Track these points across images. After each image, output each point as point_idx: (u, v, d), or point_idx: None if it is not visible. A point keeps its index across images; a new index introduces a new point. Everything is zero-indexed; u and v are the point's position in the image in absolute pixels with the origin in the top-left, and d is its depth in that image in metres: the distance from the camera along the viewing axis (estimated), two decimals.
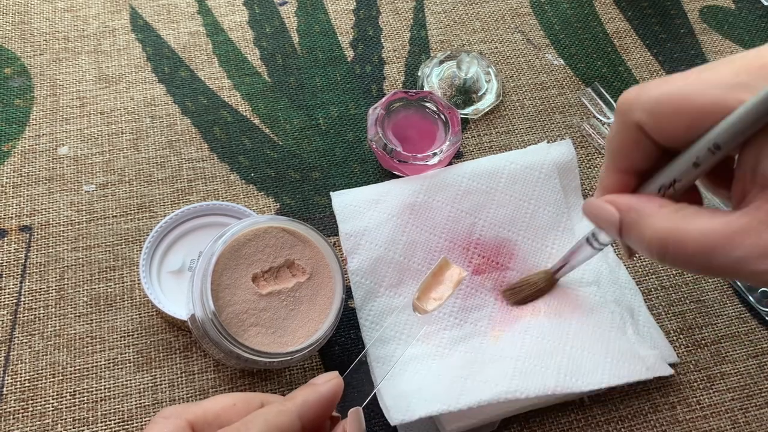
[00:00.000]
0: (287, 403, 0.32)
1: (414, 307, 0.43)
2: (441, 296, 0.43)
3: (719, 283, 0.48)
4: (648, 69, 0.58)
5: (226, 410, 0.32)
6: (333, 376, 0.35)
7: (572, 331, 0.43)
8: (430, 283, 0.44)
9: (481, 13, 0.61)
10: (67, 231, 0.48)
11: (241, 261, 0.40)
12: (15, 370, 0.43)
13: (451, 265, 0.45)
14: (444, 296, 0.43)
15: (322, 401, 0.33)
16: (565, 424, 0.43)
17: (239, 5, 0.60)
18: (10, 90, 0.54)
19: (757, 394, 0.44)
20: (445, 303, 0.44)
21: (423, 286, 0.44)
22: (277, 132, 0.53)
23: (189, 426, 0.30)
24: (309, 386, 0.34)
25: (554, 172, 0.49)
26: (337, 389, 0.34)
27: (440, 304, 0.43)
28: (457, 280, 0.44)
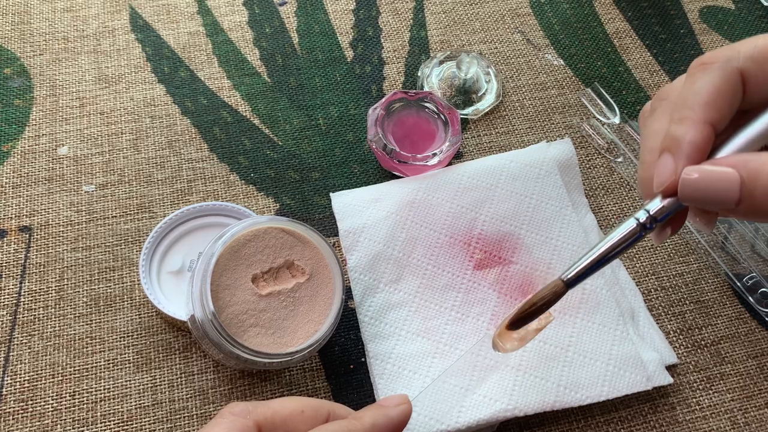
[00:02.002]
0: (356, 423, 0.31)
1: (494, 344, 0.39)
2: (525, 337, 0.38)
3: (719, 283, 0.48)
4: (648, 69, 0.58)
5: (294, 417, 0.31)
6: (403, 399, 0.34)
7: (576, 333, 0.43)
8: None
9: (481, 14, 0.61)
10: (67, 231, 0.48)
11: (241, 261, 0.40)
12: (14, 371, 0.43)
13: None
14: (528, 338, 0.39)
15: (391, 426, 0.32)
16: (564, 425, 0.43)
17: (239, 5, 0.60)
18: (10, 90, 0.54)
19: (757, 395, 0.44)
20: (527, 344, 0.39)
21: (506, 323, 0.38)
22: (277, 132, 0.53)
23: (256, 427, 0.30)
24: (378, 408, 0.33)
25: (555, 168, 0.49)
26: (408, 414, 0.33)
27: (522, 345, 0.39)
28: (545, 323, 0.39)
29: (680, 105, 0.31)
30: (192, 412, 0.42)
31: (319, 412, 0.32)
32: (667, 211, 0.31)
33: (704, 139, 0.29)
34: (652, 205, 0.32)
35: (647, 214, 0.32)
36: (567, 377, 0.42)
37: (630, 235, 0.33)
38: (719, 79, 0.30)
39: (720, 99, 0.30)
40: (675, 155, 0.30)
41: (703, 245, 0.49)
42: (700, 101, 0.30)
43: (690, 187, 0.29)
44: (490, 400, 0.41)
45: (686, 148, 0.30)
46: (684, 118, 0.30)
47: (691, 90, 0.30)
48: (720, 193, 0.28)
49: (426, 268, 0.46)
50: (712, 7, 0.63)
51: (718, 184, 0.28)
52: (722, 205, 0.28)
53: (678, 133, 0.30)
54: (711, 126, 0.30)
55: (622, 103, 0.56)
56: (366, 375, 0.44)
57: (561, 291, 0.35)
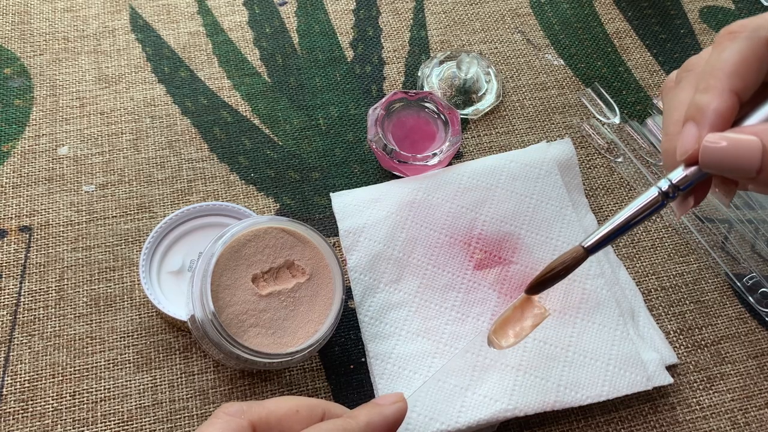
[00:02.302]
0: (351, 422, 0.31)
1: (489, 341, 0.39)
2: (520, 333, 0.39)
3: (719, 283, 0.48)
4: (648, 69, 0.58)
5: (289, 416, 0.31)
6: (398, 398, 0.34)
7: (576, 333, 0.43)
8: (510, 317, 0.40)
9: (481, 14, 0.61)
10: (67, 231, 0.48)
11: (241, 262, 0.40)
12: (15, 371, 0.43)
13: (535, 302, 0.40)
14: (523, 334, 0.39)
15: (387, 424, 0.32)
16: (565, 425, 0.43)
17: (239, 5, 0.60)
18: (10, 90, 0.54)
19: (757, 395, 0.44)
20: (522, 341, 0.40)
21: (501, 319, 0.39)
22: (277, 132, 0.53)
23: (251, 427, 0.30)
24: (374, 406, 0.33)
25: (555, 168, 0.50)
26: (403, 413, 0.33)
27: (517, 341, 0.39)
28: (540, 320, 0.39)
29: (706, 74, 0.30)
30: (192, 412, 0.42)
31: (314, 412, 0.32)
32: (690, 180, 0.31)
33: (729, 107, 0.29)
34: (674, 174, 0.32)
35: (669, 183, 0.32)
36: (567, 377, 0.42)
37: (651, 204, 0.33)
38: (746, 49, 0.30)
39: (746, 68, 0.30)
40: (699, 123, 0.30)
41: (703, 245, 0.49)
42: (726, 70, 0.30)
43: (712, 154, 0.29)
44: (490, 400, 0.41)
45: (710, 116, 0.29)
46: (709, 86, 0.30)
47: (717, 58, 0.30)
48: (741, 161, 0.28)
49: (426, 268, 0.46)
50: (712, 7, 0.63)
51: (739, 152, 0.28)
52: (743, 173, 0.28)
53: (703, 101, 0.30)
54: (736, 95, 0.29)
55: (622, 103, 0.56)
56: (366, 375, 0.44)
57: (581, 257, 0.35)
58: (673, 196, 0.32)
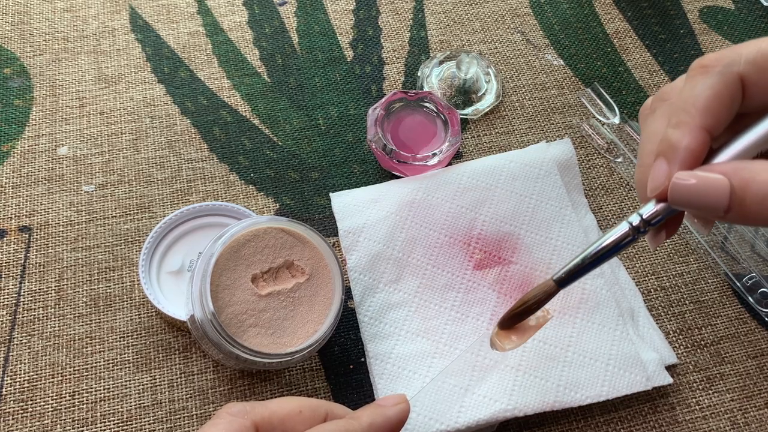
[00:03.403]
0: (353, 423, 0.31)
1: (491, 342, 0.39)
2: (522, 335, 0.38)
3: (719, 283, 0.48)
4: (648, 69, 0.58)
5: (291, 417, 0.31)
6: (401, 399, 0.34)
7: (575, 333, 0.43)
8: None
9: (481, 14, 0.61)
10: (67, 231, 0.48)
11: (241, 262, 0.40)
12: (14, 371, 0.43)
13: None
14: (526, 336, 0.39)
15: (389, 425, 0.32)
16: (564, 425, 0.43)
17: (239, 5, 0.60)
18: (10, 90, 0.54)
19: (757, 395, 0.44)
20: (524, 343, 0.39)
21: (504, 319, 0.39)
22: (277, 132, 0.53)
23: (254, 427, 0.30)
24: (376, 407, 0.33)
25: (554, 168, 0.50)
26: (406, 414, 0.33)
27: (520, 344, 0.38)
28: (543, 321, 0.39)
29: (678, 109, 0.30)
30: (192, 412, 0.42)
31: (317, 412, 0.32)
32: (660, 215, 0.31)
33: (700, 144, 0.29)
34: (645, 209, 0.32)
35: (640, 218, 0.32)
36: (567, 377, 0.42)
37: (622, 238, 0.33)
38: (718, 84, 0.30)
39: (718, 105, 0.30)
40: (670, 160, 0.30)
41: (703, 245, 0.49)
42: (698, 106, 0.30)
43: (680, 192, 0.29)
44: (489, 400, 0.41)
45: (681, 153, 0.29)
46: (681, 122, 0.30)
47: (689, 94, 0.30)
48: (710, 200, 0.28)
49: (426, 268, 0.46)
50: (712, 7, 0.63)
51: (708, 191, 0.28)
52: (712, 211, 0.28)
53: (674, 138, 0.30)
54: (707, 131, 0.30)
55: (622, 103, 0.56)
56: (366, 375, 0.44)
57: (552, 291, 0.36)
58: (644, 231, 0.32)
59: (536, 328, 0.39)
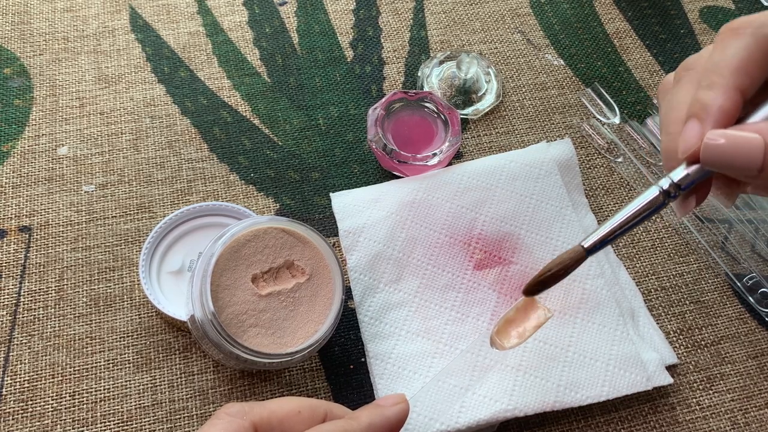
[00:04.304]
0: (353, 423, 0.31)
1: (491, 341, 0.39)
2: (523, 334, 0.39)
3: (719, 283, 0.48)
4: (648, 69, 0.58)
5: (290, 417, 0.31)
6: (400, 399, 0.34)
7: (576, 333, 0.43)
8: (513, 318, 0.39)
9: (481, 14, 0.61)
10: (67, 231, 0.48)
11: (241, 262, 0.40)
12: (14, 371, 0.43)
13: (538, 304, 0.39)
14: (526, 335, 0.39)
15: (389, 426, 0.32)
16: (564, 425, 0.43)
17: (239, 5, 0.60)
18: (10, 90, 0.54)
19: (757, 395, 0.44)
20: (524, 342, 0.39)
21: (504, 320, 0.39)
22: (277, 132, 0.53)
23: (253, 428, 0.30)
24: (375, 407, 0.33)
25: (554, 168, 0.50)
26: (405, 414, 0.33)
27: (520, 342, 0.39)
28: (543, 320, 0.39)
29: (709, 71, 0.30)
30: (192, 412, 0.42)
31: (316, 412, 0.32)
32: (692, 179, 0.31)
33: (733, 105, 0.29)
34: (676, 173, 0.31)
35: (671, 182, 0.31)
36: (567, 377, 0.42)
37: (652, 203, 0.32)
38: (751, 46, 0.29)
39: (751, 65, 0.29)
40: (703, 121, 0.29)
41: (703, 245, 0.49)
42: (731, 67, 0.29)
43: (713, 151, 0.28)
44: (489, 400, 0.41)
45: (715, 113, 0.29)
46: (713, 83, 0.29)
47: (721, 55, 0.30)
48: (743, 159, 0.28)
49: (426, 268, 0.46)
50: (712, 7, 0.63)
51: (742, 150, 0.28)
52: (745, 171, 0.28)
53: (706, 98, 0.29)
54: (740, 92, 0.29)
55: (622, 103, 0.56)
56: (366, 375, 0.44)
57: (580, 257, 0.35)
58: (675, 195, 0.32)
59: (536, 328, 0.39)
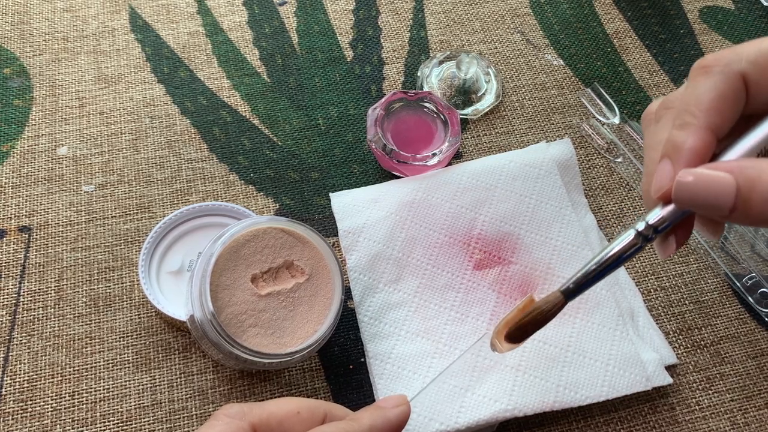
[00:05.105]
0: (353, 425, 0.31)
1: (492, 344, 0.38)
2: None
3: (719, 283, 0.48)
4: (648, 69, 0.58)
5: (289, 418, 0.31)
6: (401, 400, 0.34)
7: (575, 333, 0.43)
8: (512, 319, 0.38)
9: (481, 14, 0.61)
10: (66, 231, 0.48)
11: (240, 262, 0.40)
12: (14, 371, 0.43)
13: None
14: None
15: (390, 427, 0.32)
16: (564, 425, 0.43)
17: (239, 5, 0.60)
18: (10, 90, 0.54)
19: (757, 395, 0.44)
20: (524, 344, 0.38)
21: (504, 322, 0.38)
22: (277, 132, 0.53)
23: (251, 429, 0.30)
24: (376, 408, 0.33)
25: (554, 168, 0.50)
26: (406, 416, 0.33)
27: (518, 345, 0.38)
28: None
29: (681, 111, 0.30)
30: (191, 412, 0.42)
31: (316, 413, 0.32)
32: (668, 220, 0.31)
33: (705, 145, 0.29)
34: (652, 215, 0.31)
35: (646, 224, 0.31)
36: (566, 377, 0.42)
37: (628, 247, 0.32)
38: (721, 84, 0.29)
39: (722, 104, 0.29)
40: (674, 161, 0.29)
41: (703, 245, 0.49)
42: (702, 107, 0.29)
43: (684, 190, 0.28)
44: (489, 400, 0.41)
45: (686, 154, 0.29)
46: (685, 123, 0.29)
47: (692, 95, 0.30)
48: (715, 199, 0.28)
49: (425, 268, 0.46)
50: (712, 7, 0.63)
51: (713, 189, 0.28)
52: (716, 210, 0.28)
53: (678, 139, 0.29)
54: (712, 132, 0.29)
55: (622, 103, 0.56)
56: (366, 375, 0.44)
57: (560, 302, 0.35)
58: (652, 238, 0.31)
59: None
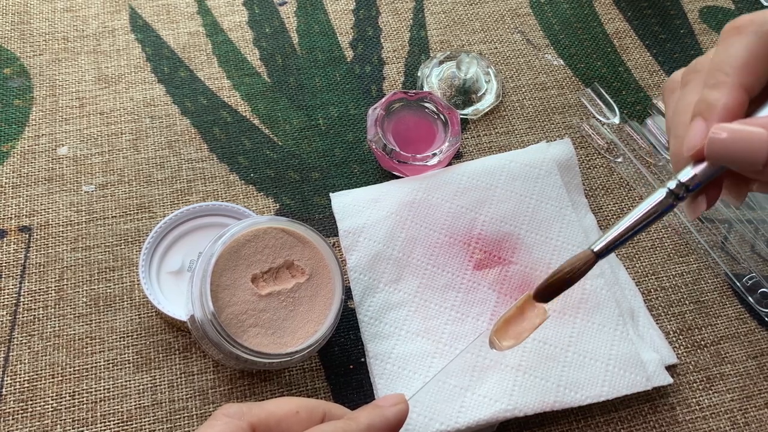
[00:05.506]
0: (351, 424, 0.31)
1: (490, 341, 0.38)
2: (521, 334, 0.38)
3: (719, 283, 0.48)
4: (648, 69, 0.58)
5: (288, 418, 0.31)
6: (399, 399, 0.34)
7: (575, 333, 0.43)
8: (511, 318, 0.38)
9: (481, 14, 0.61)
10: (67, 231, 0.48)
11: (241, 262, 0.40)
12: (14, 371, 0.43)
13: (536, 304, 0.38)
14: (524, 335, 0.38)
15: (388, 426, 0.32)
16: (564, 425, 0.43)
17: (239, 5, 0.60)
18: (10, 90, 0.54)
19: (757, 395, 0.44)
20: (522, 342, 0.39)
21: (502, 320, 0.38)
22: (277, 132, 0.53)
23: (250, 429, 0.30)
24: (374, 408, 0.33)
25: (554, 168, 0.50)
26: (404, 414, 0.33)
27: (518, 342, 0.38)
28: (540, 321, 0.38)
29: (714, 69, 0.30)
30: (192, 412, 0.42)
31: (315, 413, 0.32)
32: (699, 179, 0.31)
33: (738, 103, 0.29)
34: (683, 174, 0.31)
35: (678, 182, 0.31)
36: (567, 377, 0.42)
37: (660, 205, 0.32)
38: (754, 43, 0.29)
39: (755, 63, 0.29)
40: (708, 119, 0.29)
41: (703, 245, 0.49)
42: (735, 65, 0.29)
43: (718, 145, 0.28)
44: (489, 400, 0.41)
45: (719, 112, 0.29)
46: (718, 82, 0.29)
47: (725, 54, 0.30)
48: (748, 153, 0.28)
49: (426, 268, 0.46)
50: (712, 7, 0.63)
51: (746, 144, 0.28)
52: (749, 165, 0.28)
53: (711, 97, 0.29)
54: (745, 91, 0.29)
55: (622, 103, 0.56)
56: (366, 375, 0.44)
57: (591, 261, 0.35)
58: (682, 197, 0.31)
59: (534, 328, 0.39)
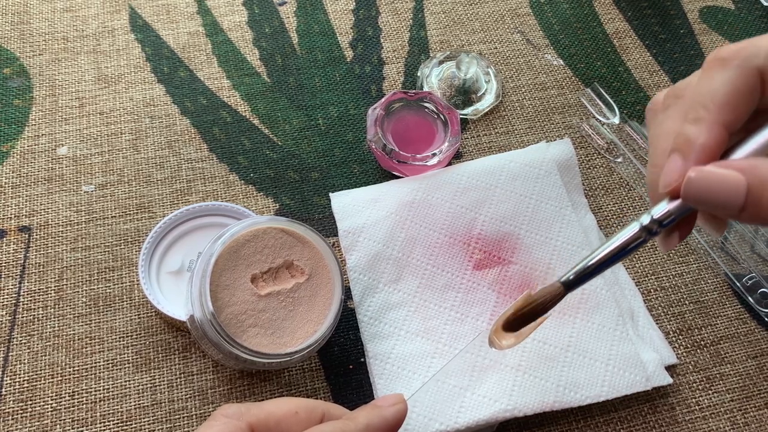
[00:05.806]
0: (350, 424, 0.31)
1: (490, 341, 0.38)
2: (520, 334, 0.37)
3: (719, 283, 0.48)
4: (648, 69, 0.58)
5: (287, 418, 0.31)
6: (398, 399, 0.34)
7: (575, 333, 0.43)
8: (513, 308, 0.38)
9: (481, 14, 0.61)
10: (66, 231, 0.48)
11: (240, 262, 0.40)
12: (14, 371, 0.43)
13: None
14: (524, 334, 0.37)
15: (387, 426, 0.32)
16: (564, 425, 0.43)
17: (238, 5, 0.60)
18: (10, 90, 0.54)
19: (757, 395, 0.44)
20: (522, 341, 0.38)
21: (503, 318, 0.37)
22: (277, 132, 0.53)
23: (249, 429, 0.30)
24: (373, 407, 0.33)
25: (554, 168, 0.50)
26: (403, 414, 0.33)
27: (518, 342, 0.37)
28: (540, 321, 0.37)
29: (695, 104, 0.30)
30: (191, 413, 0.42)
31: (314, 413, 0.32)
32: (673, 215, 0.30)
33: (717, 142, 0.28)
34: (657, 209, 0.31)
35: (651, 218, 0.31)
36: (566, 377, 0.42)
37: (632, 240, 0.32)
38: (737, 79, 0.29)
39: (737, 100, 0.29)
40: (685, 156, 0.29)
41: (703, 245, 0.49)
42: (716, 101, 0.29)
43: (694, 187, 0.28)
44: (489, 400, 0.41)
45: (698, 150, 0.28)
46: (698, 118, 0.29)
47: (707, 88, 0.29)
48: (725, 198, 0.27)
49: (425, 268, 0.46)
50: (712, 7, 0.63)
51: (723, 188, 0.27)
52: (726, 209, 0.27)
53: (691, 133, 0.29)
54: (726, 128, 0.29)
55: (622, 103, 0.56)
56: (365, 375, 0.44)
57: (559, 293, 0.35)
58: (656, 232, 0.31)
59: (534, 328, 0.39)
